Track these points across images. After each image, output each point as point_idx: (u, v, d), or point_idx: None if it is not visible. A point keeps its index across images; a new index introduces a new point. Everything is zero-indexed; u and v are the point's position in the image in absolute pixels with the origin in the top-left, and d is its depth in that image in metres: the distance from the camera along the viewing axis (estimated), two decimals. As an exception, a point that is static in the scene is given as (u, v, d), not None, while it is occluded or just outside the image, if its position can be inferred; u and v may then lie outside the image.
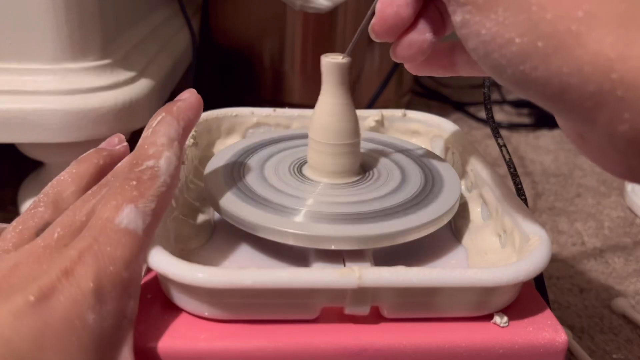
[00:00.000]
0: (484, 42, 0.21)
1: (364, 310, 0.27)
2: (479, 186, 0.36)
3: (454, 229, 0.36)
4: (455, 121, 0.45)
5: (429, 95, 0.98)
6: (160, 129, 0.28)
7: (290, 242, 0.29)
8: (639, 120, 0.19)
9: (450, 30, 0.28)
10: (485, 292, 0.26)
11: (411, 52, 0.28)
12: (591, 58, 0.19)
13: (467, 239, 0.34)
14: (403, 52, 0.28)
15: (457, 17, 0.23)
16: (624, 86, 0.19)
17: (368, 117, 0.44)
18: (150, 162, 0.26)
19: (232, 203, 0.31)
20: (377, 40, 0.29)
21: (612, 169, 0.22)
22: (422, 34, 0.28)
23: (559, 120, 0.24)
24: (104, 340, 0.22)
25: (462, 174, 0.39)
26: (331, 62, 0.32)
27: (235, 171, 0.35)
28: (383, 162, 0.37)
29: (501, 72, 0.22)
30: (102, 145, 0.32)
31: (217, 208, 0.32)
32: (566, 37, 0.19)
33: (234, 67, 0.81)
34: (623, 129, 0.19)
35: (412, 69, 0.31)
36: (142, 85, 0.50)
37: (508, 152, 0.40)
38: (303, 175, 0.35)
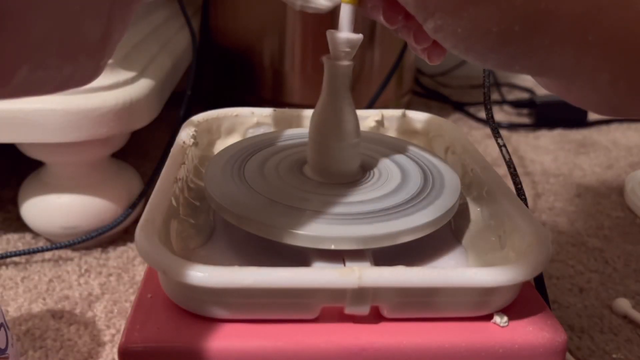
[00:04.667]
0: (462, 40, 0.22)
1: (364, 310, 0.27)
2: (479, 186, 0.36)
3: (454, 229, 0.36)
4: (455, 121, 0.45)
5: (429, 95, 0.98)
6: None
7: (290, 242, 0.29)
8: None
9: None
10: (485, 292, 0.26)
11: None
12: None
13: (467, 239, 0.34)
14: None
15: (429, 24, 0.22)
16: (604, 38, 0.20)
17: (368, 117, 0.44)
18: None
19: (232, 203, 0.31)
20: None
21: (595, 107, 0.23)
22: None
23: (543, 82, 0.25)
24: None
25: (462, 174, 0.39)
26: (333, 63, 0.32)
27: (235, 171, 0.35)
28: (383, 162, 0.37)
29: (485, 59, 0.23)
30: None
31: (217, 207, 0.32)
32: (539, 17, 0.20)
33: (234, 67, 0.81)
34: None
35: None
36: (142, 85, 0.50)
37: (508, 152, 0.40)
38: (303, 175, 0.35)
